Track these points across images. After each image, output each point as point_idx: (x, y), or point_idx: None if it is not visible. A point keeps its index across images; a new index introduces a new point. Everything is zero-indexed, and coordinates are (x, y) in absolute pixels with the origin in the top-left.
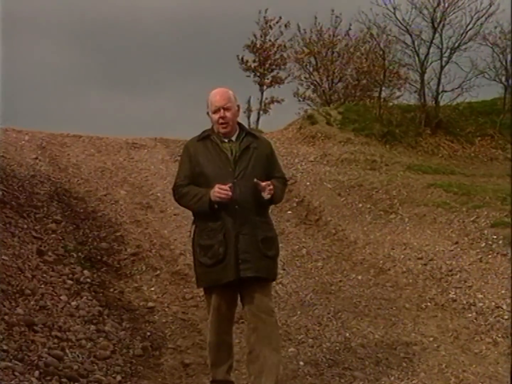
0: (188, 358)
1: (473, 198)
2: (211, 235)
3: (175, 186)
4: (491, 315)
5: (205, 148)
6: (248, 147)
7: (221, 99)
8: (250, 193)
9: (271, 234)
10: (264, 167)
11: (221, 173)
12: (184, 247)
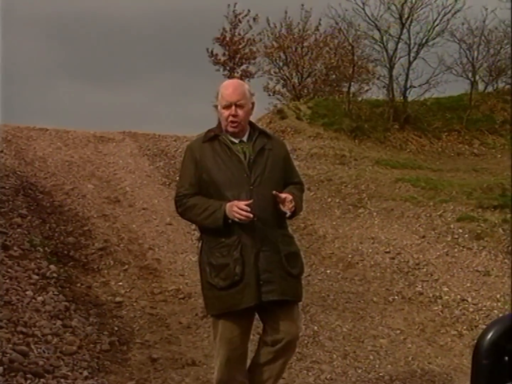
0: (156, 353)
1: (440, 193)
2: (225, 252)
3: (178, 197)
4: (456, 308)
5: (214, 151)
6: (263, 149)
7: (234, 94)
8: (269, 202)
9: (294, 248)
10: (281, 172)
11: (235, 180)
12: (153, 242)
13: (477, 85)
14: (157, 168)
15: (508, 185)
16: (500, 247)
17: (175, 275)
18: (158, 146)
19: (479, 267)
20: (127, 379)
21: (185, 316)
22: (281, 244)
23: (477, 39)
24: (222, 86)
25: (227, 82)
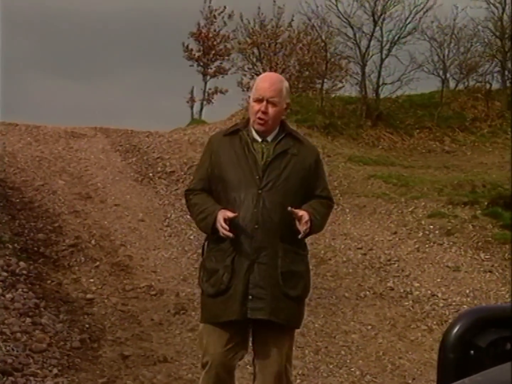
0: (127, 350)
1: (412, 189)
2: (219, 257)
3: (187, 190)
4: (427, 303)
5: (231, 146)
6: (286, 152)
7: (270, 89)
8: (276, 211)
9: (298, 267)
10: (303, 181)
11: (245, 181)
12: (125, 238)
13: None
14: (129, 164)
15: (478, 182)
16: (470, 243)
17: (147, 271)
18: (131, 142)
19: (449, 262)
20: (98, 376)
21: (157, 313)
22: (282, 259)
23: (448, 37)
24: (260, 77)
25: (265, 74)
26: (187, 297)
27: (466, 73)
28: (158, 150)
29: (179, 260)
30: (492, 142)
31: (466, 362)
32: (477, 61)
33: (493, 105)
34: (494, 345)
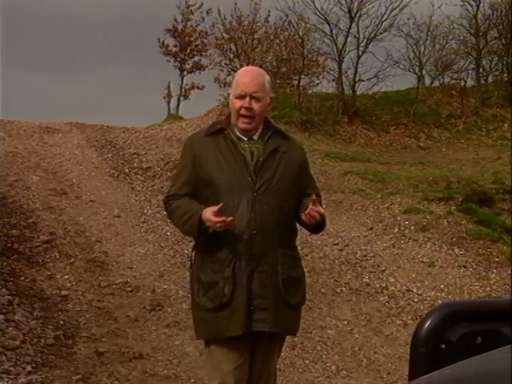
0: (102, 347)
1: (388, 185)
2: (216, 268)
3: (167, 197)
4: (402, 298)
5: (216, 147)
6: (276, 151)
7: (252, 83)
8: (273, 215)
9: (297, 273)
10: (295, 180)
11: (237, 184)
12: (100, 234)
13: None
14: (105, 159)
15: (453, 178)
16: (445, 239)
17: (123, 268)
18: (106, 138)
19: (424, 258)
20: (72, 373)
21: (132, 309)
22: (282, 265)
23: (424, 34)
24: (239, 72)
25: (245, 69)
26: (163, 293)
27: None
28: (134, 146)
29: (155, 256)
30: (467, 139)
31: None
32: (452, 58)
33: (468, 102)
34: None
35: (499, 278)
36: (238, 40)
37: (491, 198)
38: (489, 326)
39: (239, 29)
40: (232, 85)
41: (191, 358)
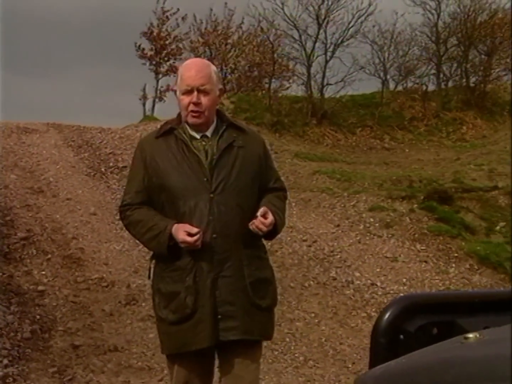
0: (78, 340)
1: (354, 184)
2: (176, 277)
3: (122, 206)
4: (366, 292)
5: (168, 149)
6: (231, 146)
7: (197, 76)
8: (234, 215)
9: (265, 274)
10: (255, 175)
11: (192, 186)
12: (76, 231)
13: (388, 83)
14: (81, 159)
15: (415, 177)
16: (407, 235)
17: (99, 264)
18: (83, 138)
19: (387, 253)
20: (48, 366)
21: (108, 304)
22: (248, 268)
23: (388, 41)
24: (183, 66)
25: (189, 62)
26: (138, 288)
27: (404, 75)
28: (111, 146)
29: (130, 252)
30: (428, 140)
31: (396, 346)
32: (415, 64)
33: (429, 106)
34: (422, 330)
35: (457, 272)
36: (212, 44)
37: (450, 197)
38: (445, 318)
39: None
40: (177, 80)
41: None
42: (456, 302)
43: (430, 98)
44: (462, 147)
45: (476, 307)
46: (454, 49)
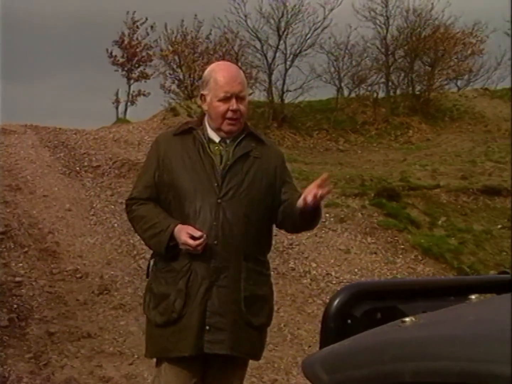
0: (53, 327)
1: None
2: (170, 279)
3: (130, 199)
4: (322, 281)
5: (183, 148)
6: (247, 155)
7: (236, 82)
8: (240, 224)
9: (262, 291)
10: (268, 188)
11: (201, 189)
12: (52, 226)
13: (342, 91)
14: (57, 158)
15: (367, 176)
16: (359, 229)
17: (74, 256)
18: (59, 139)
19: (341, 246)
20: (24, 352)
21: (82, 294)
22: (245, 281)
23: (342, 52)
24: (217, 71)
25: (223, 67)
26: (111, 279)
27: (357, 83)
28: (85, 146)
29: (104, 245)
30: (378, 143)
31: (344, 330)
32: (366, 73)
33: (379, 111)
34: (368, 315)
35: (404, 263)
36: (181, 53)
37: (398, 194)
38: (388, 303)
39: (183, 43)
40: (207, 84)
41: (135, 337)
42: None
43: (380, 104)
44: (408, 149)
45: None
46: (401, 60)
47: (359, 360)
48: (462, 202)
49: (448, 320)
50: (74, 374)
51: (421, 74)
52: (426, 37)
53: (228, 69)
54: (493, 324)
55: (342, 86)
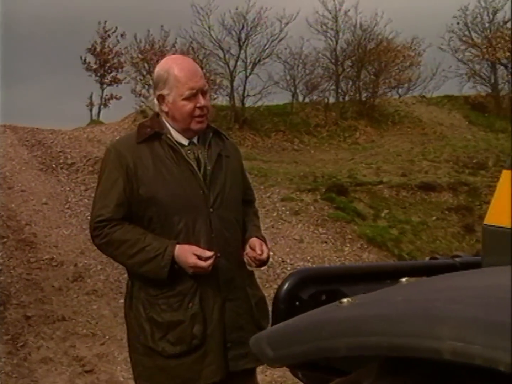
0: (30, 312)
1: (269, 179)
2: (176, 304)
3: (98, 222)
4: (278, 268)
5: (154, 156)
6: (220, 155)
7: (198, 77)
8: (233, 230)
9: (261, 292)
10: (240, 186)
11: (188, 199)
12: (30, 219)
13: (297, 96)
14: (34, 156)
15: (319, 173)
16: (312, 221)
17: (50, 246)
18: (36, 138)
19: (296, 236)
20: (3, 334)
21: (57, 280)
22: (250, 287)
23: (297, 61)
24: (173, 67)
25: (180, 61)
26: (84, 267)
27: (310, 90)
28: (61, 145)
29: (78, 236)
30: (329, 143)
31: (292, 311)
32: (319, 81)
33: (330, 115)
34: (314, 297)
35: (351, 251)
36: (150, 60)
37: (346, 189)
38: (332, 287)
39: (151, 51)
40: (166, 83)
41: (107, 320)
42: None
43: (331, 109)
44: (355, 149)
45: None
46: (349, 69)
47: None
48: (402, 197)
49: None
50: (50, 354)
51: (367, 82)
52: (371, 50)
53: (187, 63)
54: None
55: (297, 92)
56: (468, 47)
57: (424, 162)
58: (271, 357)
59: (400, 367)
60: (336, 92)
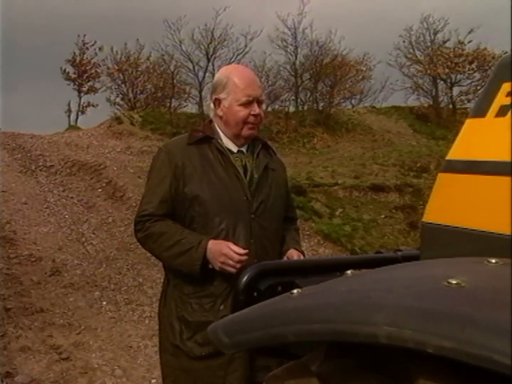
0: (10, 304)
1: None
2: (208, 305)
3: (141, 216)
4: None
5: (203, 158)
6: (267, 168)
7: (256, 86)
8: (273, 239)
9: None
10: (283, 201)
11: (231, 203)
12: (10, 217)
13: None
14: (15, 159)
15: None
16: None
17: (29, 243)
18: (17, 142)
19: None
20: None
21: (36, 275)
22: None
23: (260, 74)
24: (234, 73)
25: (241, 69)
26: (62, 262)
27: (273, 99)
28: (40, 149)
29: (56, 233)
30: (290, 148)
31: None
32: (280, 91)
33: (290, 123)
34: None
35: (308, 246)
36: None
37: (305, 190)
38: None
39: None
40: (225, 88)
41: (82, 311)
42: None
43: (291, 117)
44: (313, 154)
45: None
46: (308, 81)
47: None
48: (355, 197)
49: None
50: (28, 343)
51: (324, 93)
52: (327, 64)
53: (247, 72)
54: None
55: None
56: (413, 63)
57: (374, 166)
58: (226, 343)
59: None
60: (296, 102)
